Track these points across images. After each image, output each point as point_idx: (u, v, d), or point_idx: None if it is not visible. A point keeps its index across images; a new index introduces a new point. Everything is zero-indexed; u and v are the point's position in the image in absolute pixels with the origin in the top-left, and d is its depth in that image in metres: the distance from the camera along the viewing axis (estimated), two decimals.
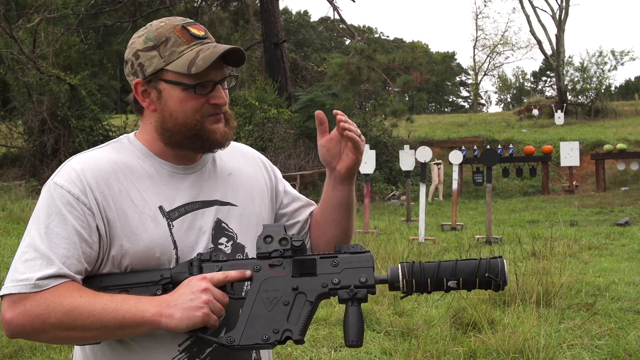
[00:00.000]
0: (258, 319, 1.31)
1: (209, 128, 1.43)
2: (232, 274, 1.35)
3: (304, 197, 1.73)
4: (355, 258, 1.35)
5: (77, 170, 1.38)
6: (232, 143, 1.66)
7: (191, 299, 1.29)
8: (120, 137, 1.52)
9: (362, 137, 1.54)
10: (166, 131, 1.44)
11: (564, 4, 31.69)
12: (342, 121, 1.50)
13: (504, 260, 1.32)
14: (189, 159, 1.49)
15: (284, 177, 1.73)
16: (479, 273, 1.31)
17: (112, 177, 1.39)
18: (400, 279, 1.33)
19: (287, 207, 1.67)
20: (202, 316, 1.28)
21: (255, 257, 1.39)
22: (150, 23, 1.47)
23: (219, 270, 1.36)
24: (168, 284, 1.36)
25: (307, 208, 1.69)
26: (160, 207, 1.41)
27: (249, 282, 1.39)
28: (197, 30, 1.43)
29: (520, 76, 67.68)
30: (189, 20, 1.46)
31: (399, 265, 1.35)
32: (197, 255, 1.39)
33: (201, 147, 1.46)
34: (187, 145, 1.45)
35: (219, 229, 1.48)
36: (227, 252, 1.47)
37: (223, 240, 1.48)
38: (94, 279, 1.37)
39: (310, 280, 1.34)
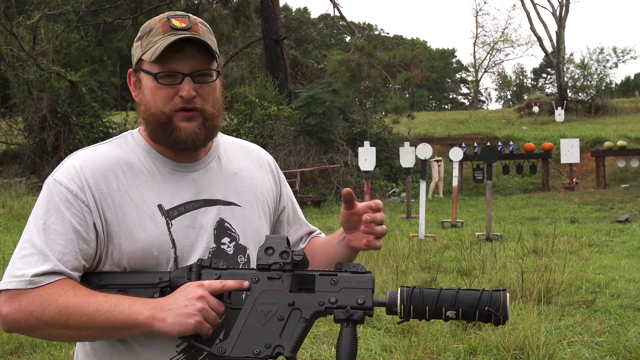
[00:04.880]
0: (251, 332, 1.29)
1: (175, 125, 1.39)
2: (230, 283, 1.32)
3: (304, 219, 1.72)
4: (355, 278, 1.32)
5: (76, 167, 1.37)
6: (241, 142, 1.65)
7: (185, 305, 1.27)
8: (125, 132, 1.51)
9: (380, 242, 1.45)
10: (146, 123, 1.43)
11: (564, 0, 31.64)
12: (367, 222, 1.42)
13: (507, 294, 1.28)
14: (190, 156, 1.47)
15: (284, 174, 1.71)
16: (480, 306, 1.27)
17: (111, 175, 1.38)
18: (398, 305, 1.30)
19: (286, 221, 1.66)
20: (194, 323, 1.26)
21: (255, 267, 1.37)
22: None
23: (218, 279, 1.34)
24: (166, 287, 1.35)
25: (301, 228, 1.69)
26: (159, 206, 1.40)
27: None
28: (179, 22, 1.39)
29: (520, 73, 67.67)
30: (179, 12, 1.43)
31: (399, 289, 1.31)
32: (197, 261, 1.37)
33: (172, 144, 1.42)
34: (161, 139, 1.42)
35: (222, 229, 1.46)
36: (230, 252, 1.45)
37: (226, 240, 1.46)
38: (93, 277, 1.36)
39: (308, 297, 1.31)
